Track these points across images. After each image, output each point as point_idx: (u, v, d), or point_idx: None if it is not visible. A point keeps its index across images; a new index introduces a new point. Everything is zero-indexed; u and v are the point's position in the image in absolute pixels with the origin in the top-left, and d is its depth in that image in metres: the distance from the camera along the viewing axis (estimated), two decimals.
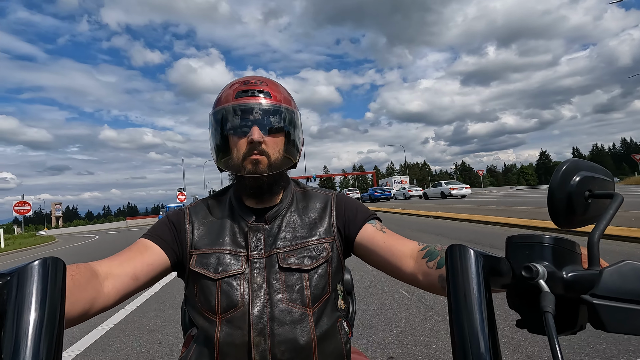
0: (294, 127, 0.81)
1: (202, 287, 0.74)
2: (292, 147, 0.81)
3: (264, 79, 0.83)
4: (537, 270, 0.34)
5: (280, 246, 0.77)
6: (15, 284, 0.31)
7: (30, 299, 0.31)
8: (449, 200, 22.94)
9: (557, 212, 0.42)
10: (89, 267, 0.63)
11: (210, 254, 0.76)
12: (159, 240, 0.77)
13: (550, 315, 0.31)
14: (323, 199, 0.87)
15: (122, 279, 0.67)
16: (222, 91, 0.82)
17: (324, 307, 0.75)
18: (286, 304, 0.72)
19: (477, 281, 0.36)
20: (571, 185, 0.42)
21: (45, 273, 0.32)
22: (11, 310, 0.30)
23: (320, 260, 0.77)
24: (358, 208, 0.85)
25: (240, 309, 0.71)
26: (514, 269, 0.37)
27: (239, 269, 0.74)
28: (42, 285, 0.32)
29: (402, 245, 0.75)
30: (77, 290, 0.57)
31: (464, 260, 0.38)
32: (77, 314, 0.57)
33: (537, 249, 0.37)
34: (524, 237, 0.38)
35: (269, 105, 0.77)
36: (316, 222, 0.82)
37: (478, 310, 0.35)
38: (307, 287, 0.74)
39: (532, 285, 0.35)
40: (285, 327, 0.70)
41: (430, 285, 0.68)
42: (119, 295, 0.66)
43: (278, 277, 0.74)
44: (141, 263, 0.72)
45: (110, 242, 16.41)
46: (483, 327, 0.34)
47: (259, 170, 0.76)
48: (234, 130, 0.77)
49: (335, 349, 0.74)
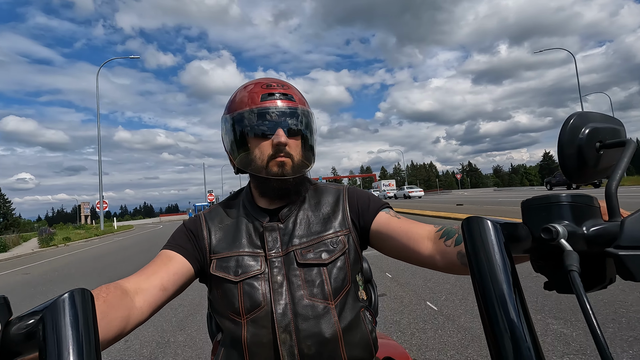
0: (312, 129, 0.82)
1: (225, 291, 0.75)
2: (311, 148, 0.83)
3: (283, 81, 0.83)
4: (556, 230, 0.33)
5: (296, 243, 0.77)
6: (50, 319, 0.32)
7: (66, 331, 0.32)
8: (410, 200, 28.28)
9: (569, 168, 0.41)
10: (118, 286, 0.64)
11: (229, 257, 0.77)
12: (180, 249, 0.78)
13: (575, 274, 0.31)
14: (335, 193, 0.87)
15: (152, 292, 0.68)
16: (239, 93, 0.82)
17: (346, 299, 0.76)
18: (308, 299, 0.73)
19: (499, 249, 0.35)
20: (580, 138, 0.40)
21: (74, 304, 0.33)
22: (50, 344, 0.31)
23: (337, 253, 0.77)
24: (370, 198, 0.85)
25: (263, 308, 0.72)
26: (533, 232, 0.37)
27: (259, 269, 0.75)
28: (74, 317, 0.33)
29: (419, 227, 0.74)
30: (111, 310, 0.58)
31: (482, 231, 0.36)
32: (114, 333, 0.58)
33: (554, 208, 0.36)
34: (539, 198, 0.37)
35: (292, 107, 0.78)
36: (330, 216, 0.82)
37: (505, 279, 0.34)
38: (327, 281, 0.74)
39: (554, 246, 0.34)
40: (310, 321, 0.71)
41: (449, 265, 0.67)
42: (150, 308, 0.68)
43: (297, 274, 0.75)
44: (167, 274, 0.73)
45: (175, 228, 20.09)
46: (511, 295, 0.33)
47: (285, 173, 0.76)
48: (258, 132, 0.77)
49: (361, 339, 0.75)
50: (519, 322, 0.32)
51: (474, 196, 25.89)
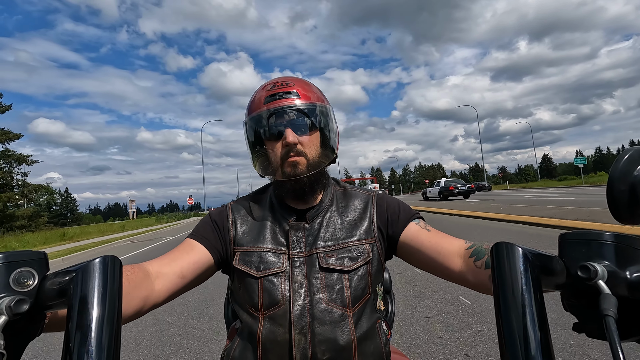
0: (327, 123, 0.80)
1: (246, 285, 0.76)
2: (328, 143, 0.81)
3: (291, 78, 0.82)
4: (595, 270, 0.32)
5: (320, 246, 0.77)
6: (80, 280, 0.34)
7: (93, 293, 0.33)
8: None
9: (618, 206, 0.38)
10: (142, 268, 0.67)
11: (252, 252, 0.78)
12: (202, 239, 0.80)
13: (611, 319, 0.29)
14: (363, 199, 0.86)
15: (171, 278, 0.71)
16: (254, 96, 0.82)
17: (364, 309, 0.75)
18: (326, 303, 0.72)
19: (527, 281, 0.33)
20: (635, 175, 0.38)
21: (105, 270, 0.35)
22: (77, 303, 0.33)
23: (360, 262, 0.76)
24: (401, 207, 0.83)
25: (281, 306, 0.72)
26: (569, 268, 0.35)
27: (280, 267, 0.75)
28: (103, 281, 0.34)
29: (449, 243, 0.73)
30: (133, 289, 0.61)
31: (512, 259, 0.34)
32: (133, 312, 0.61)
33: (595, 246, 0.34)
34: (579, 233, 0.35)
35: (299, 104, 0.77)
36: (356, 223, 0.81)
37: (529, 312, 0.32)
38: (347, 288, 0.74)
39: (590, 286, 0.32)
40: (326, 326, 0.71)
41: (479, 285, 0.66)
42: (168, 293, 0.70)
43: (318, 277, 0.75)
44: (187, 262, 0.75)
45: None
46: (534, 330, 0.31)
47: (298, 172, 0.76)
48: (268, 135, 0.77)
49: (375, 350, 0.74)
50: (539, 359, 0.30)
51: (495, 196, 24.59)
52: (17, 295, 0.35)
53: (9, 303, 0.34)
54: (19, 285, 0.36)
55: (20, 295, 0.35)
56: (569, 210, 9.43)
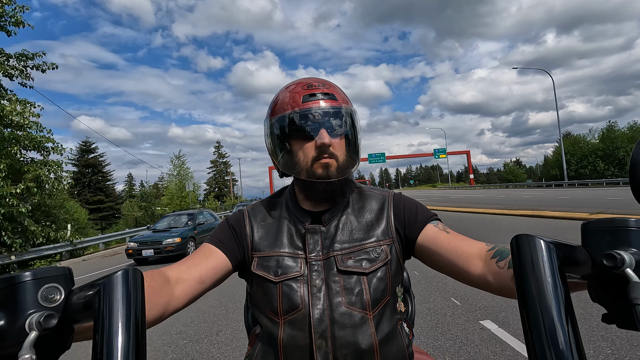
0: (355, 128, 0.80)
1: (265, 290, 0.76)
2: (355, 147, 0.80)
3: (325, 81, 0.81)
4: (621, 258, 0.30)
5: (337, 248, 0.76)
6: (104, 293, 0.35)
7: (117, 305, 0.34)
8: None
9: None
10: (162, 274, 0.68)
11: (270, 257, 0.78)
12: (220, 244, 0.80)
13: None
14: (380, 200, 0.84)
15: (190, 284, 0.71)
16: (281, 95, 0.81)
17: (384, 311, 0.74)
18: (346, 307, 0.72)
19: (552, 273, 0.32)
20: None
21: (127, 282, 0.36)
22: (103, 315, 0.34)
23: (379, 264, 0.75)
24: (418, 208, 0.81)
25: (301, 311, 0.72)
26: (594, 257, 0.33)
27: (298, 271, 0.75)
28: (126, 293, 0.35)
29: (469, 245, 0.70)
30: (154, 295, 0.62)
31: (534, 251, 0.33)
32: (155, 317, 0.62)
33: (621, 234, 0.33)
34: (603, 221, 0.34)
35: (335, 107, 0.77)
36: (373, 224, 0.80)
37: (555, 305, 0.30)
38: (366, 290, 0.73)
39: (618, 275, 0.31)
40: (346, 330, 0.70)
41: (501, 287, 0.63)
42: (188, 298, 0.71)
43: (337, 280, 0.74)
44: (206, 267, 0.76)
45: None
46: (562, 323, 0.30)
47: (330, 174, 0.75)
48: (302, 134, 0.76)
49: (397, 352, 0.73)
50: (569, 356, 0.29)
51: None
52: (45, 311, 0.36)
53: (39, 319, 0.35)
54: (47, 301, 0.37)
55: (49, 310, 0.36)
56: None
